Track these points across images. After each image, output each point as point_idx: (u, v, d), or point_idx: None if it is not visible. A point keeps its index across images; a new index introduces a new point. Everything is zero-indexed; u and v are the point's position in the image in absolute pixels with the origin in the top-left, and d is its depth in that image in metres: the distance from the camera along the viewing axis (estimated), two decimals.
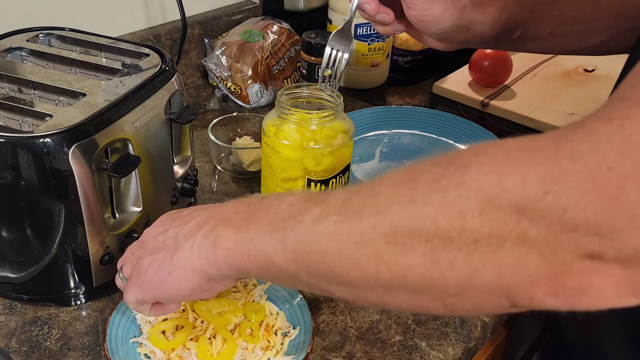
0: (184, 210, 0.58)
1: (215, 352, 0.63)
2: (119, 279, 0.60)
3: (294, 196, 0.50)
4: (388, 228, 0.41)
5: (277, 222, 0.48)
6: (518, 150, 0.37)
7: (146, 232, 0.60)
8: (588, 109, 1.21)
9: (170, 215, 0.59)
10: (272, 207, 0.50)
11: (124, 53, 0.79)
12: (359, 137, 1.02)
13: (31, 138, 0.61)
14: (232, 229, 0.51)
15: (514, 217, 0.36)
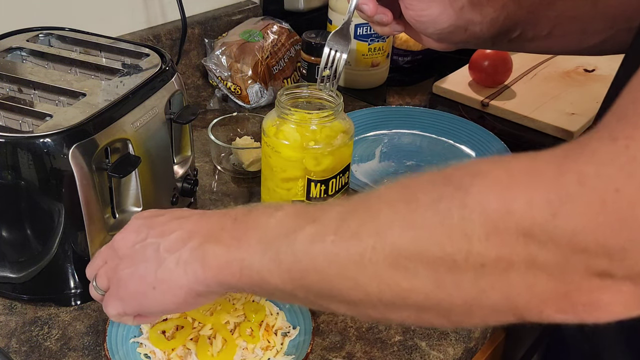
0: (158, 217, 0.56)
1: (215, 352, 0.63)
2: (94, 289, 0.58)
3: (283, 212, 0.48)
4: (389, 250, 0.40)
5: (268, 240, 0.47)
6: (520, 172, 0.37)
7: (117, 239, 0.57)
8: (588, 109, 1.21)
9: (144, 221, 0.56)
10: (260, 224, 0.49)
11: (124, 53, 0.79)
12: (359, 137, 1.02)
13: (31, 138, 0.61)
14: (221, 247, 0.49)
15: (522, 241, 0.36)
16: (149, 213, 0.58)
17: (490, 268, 0.37)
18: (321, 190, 0.73)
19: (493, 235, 0.36)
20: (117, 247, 0.56)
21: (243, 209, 0.53)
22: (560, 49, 0.82)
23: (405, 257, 0.40)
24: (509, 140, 1.00)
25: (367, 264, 0.41)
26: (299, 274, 0.45)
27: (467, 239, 0.37)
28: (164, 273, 0.52)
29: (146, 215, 0.57)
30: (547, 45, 0.79)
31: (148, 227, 0.55)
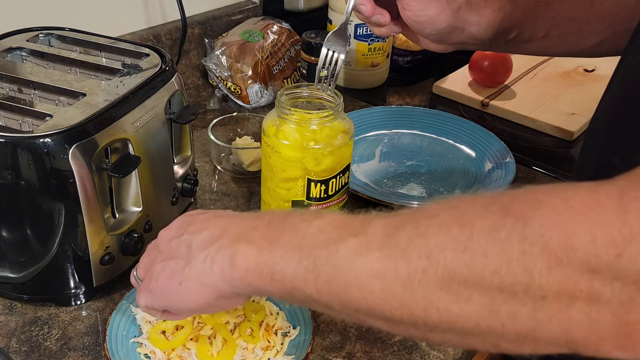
0: (201, 215, 0.56)
1: (215, 352, 0.63)
2: (133, 277, 0.60)
3: (323, 220, 0.47)
4: (441, 274, 0.39)
5: (306, 248, 0.46)
6: (581, 205, 0.36)
7: (161, 233, 0.58)
8: (588, 109, 1.21)
9: (187, 218, 0.57)
10: (299, 230, 0.47)
11: (124, 53, 0.79)
12: (359, 137, 1.02)
13: (31, 138, 0.61)
14: (252, 248, 0.49)
15: (586, 277, 0.36)
16: (194, 212, 0.58)
17: (551, 301, 0.37)
18: (321, 190, 0.73)
19: (555, 269, 0.36)
20: (159, 240, 0.57)
21: (279, 212, 0.52)
22: (557, 51, 0.82)
23: (458, 282, 0.39)
24: (509, 140, 1.00)
25: (416, 286, 0.40)
26: (339, 287, 0.44)
27: (528, 271, 0.37)
28: (192, 270, 0.52)
29: (191, 213, 0.58)
30: (544, 46, 0.79)
31: (188, 223, 0.56)
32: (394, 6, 0.74)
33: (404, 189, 0.93)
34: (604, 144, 0.63)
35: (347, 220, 0.47)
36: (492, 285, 0.38)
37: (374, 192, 0.89)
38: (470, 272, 0.39)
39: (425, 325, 0.41)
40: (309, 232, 0.47)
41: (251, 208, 0.87)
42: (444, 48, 0.78)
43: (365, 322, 0.45)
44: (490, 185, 0.91)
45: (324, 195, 0.73)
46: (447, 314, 0.40)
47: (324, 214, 0.49)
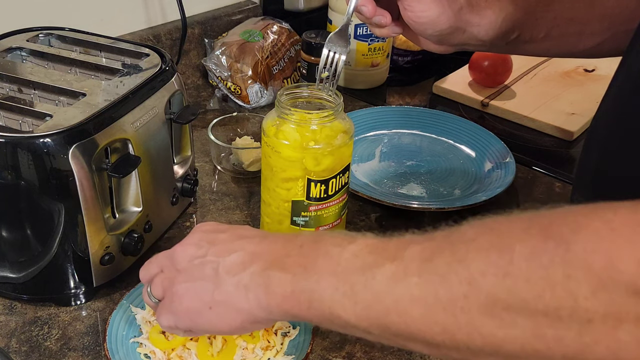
0: (219, 233, 0.55)
1: (215, 352, 0.63)
2: (147, 296, 0.58)
3: (356, 245, 0.47)
4: (484, 300, 0.39)
5: (342, 274, 0.46)
6: (622, 226, 0.37)
7: (177, 250, 0.56)
8: (588, 109, 1.22)
9: (205, 235, 0.55)
10: (332, 255, 0.47)
11: (124, 53, 0.79)
12: (359, 137, 1.02)
13: (31, 138, 0.61)
14: (286, 275, 0.48)
15: (633, 300, 0.36)
16: (211, 227, 0.57)
17: (597, 324, 0.37)
18: (321, 190, 0.73)
19: (600, 292, 0.36)
20: (176, 258, 0.55)
21: (309, 236, 0.51)
22: (557, 52, 0.82)
23: (502, 307, 0.39)
24: (509, 140, 1.00)
25: (458, 312, 0.40)
26: (378, 313, 0.44)
27: (573, 296, 0.37)
28: (222, 295, 0.51)
29: (208, 229, 0.56)
30: (545, 47, 0.79)
31: (209, 242, 0.54)
32: (394, 7, 0.74)
33: (404, 189, 0.93)
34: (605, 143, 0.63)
35: (381, 244, 0.46)
36: (536, 310, 0.38)
37: (374, 192, 0.89)
38: (513, 297, 0.39)
39: (469, 349, 0.41)
40: (343, 258, 0.47)
41: (251, 208, 0.87)
42: (445, 49, 0.78)
43: (406, 347, 0.45)
44: (490, 185, 0.91)
45: (324, 195, 0.73)
46: (492, 338, 0.40)
47: (356, 238, 0.48)
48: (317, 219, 0.75)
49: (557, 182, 0.96)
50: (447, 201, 0.89)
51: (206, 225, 0.58)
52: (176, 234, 0.82)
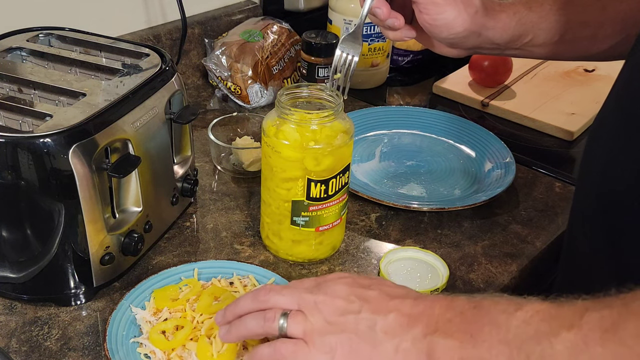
0: (367, 290, 0.54)
1: (215, 352, 0.63)
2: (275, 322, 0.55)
3: (526, 312, 0.46)
4: None
5: (514, 342, 0.45)
6: None
7: (325, 300, 0.54)
8: (588, 109, 1.21)
9: (352, 290, 0.54)
10: (499, 323, 0.47)
11: (124, 53, 0.79)
12: (359, 137, 1.02)
13: (31, 138, 0.61)
14: (452, 342, 0.48)
15: None
16: (351, 280, 0.56)
17: None
18: (321, 190, 0.73)
19: None
20: (324, 309, 0.54)
21: (467, 301, 0.51)
22: (571, 55, 0.82)
23: None
24: (509, 140, 1.00)
25: None
26: None
27: None
28: (380, 356, 0.51)
29: (350, 283, 0.55)
30: (558, 50, 0.79)
31: (360, 299, 0.53)
32: (408, 10, 0.74)
33: (404, 189, 0.93)
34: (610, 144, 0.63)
35: (553, 310, 0.46)
36: None
37: (374, 192, 0.89)
38: None
39: None
40: (512, 325, 0.46)
41: (251, 208, 0.87)
42: (458, 52, 0.78)
43: None
44: (490, 185, 0.91)
45: (324, 195, 0.73)
46: None
47: (523, 304, 0.48)
48: (317, 219, 0.75)
49: (557, 182, 0.96)
50: (447, 201, 0.89)
51: (346, 278, 0.56)
52: (176, 234, 0.82)
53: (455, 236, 0.84)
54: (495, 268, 0.79)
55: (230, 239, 0.82)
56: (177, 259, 0.78)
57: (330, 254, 0.80)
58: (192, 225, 0.84)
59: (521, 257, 0.81)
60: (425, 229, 0.85)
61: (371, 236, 0.84)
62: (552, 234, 0.86)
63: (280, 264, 0.78)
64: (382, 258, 0.78)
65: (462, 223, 0.86)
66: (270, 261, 0.79)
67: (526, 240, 0.84)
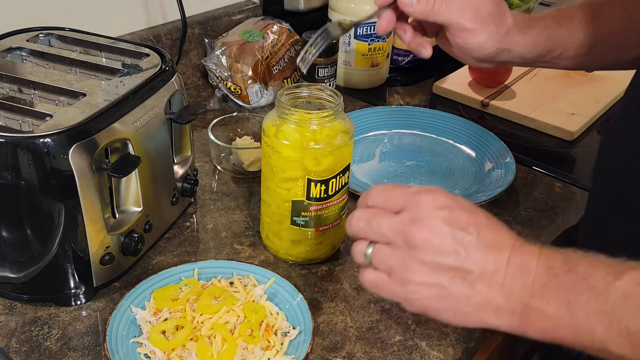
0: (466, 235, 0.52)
1: (215, 352, 0.63)
2: (361, 254, 0.56)
3: (626, 282, 0.47)
4: None
5: (614, 315, 0.47)
6: None
7: (420, 236, 0.52)
8: (588, 109, 1.21)
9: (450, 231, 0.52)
10: (597, 292, 0.48)
11: (124, 53, 0.79)
12: (359, 137, 1.02)
13: (31, 138, 0.61)
14: (547, 308, 0.49)
15: None
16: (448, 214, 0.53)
17: None
18: (321, 190, 0.73)
19: None
20: (418, 245, 0.52)
21: (562, 261, 0.51)
22: (598, 65, 0.83)
23: None
24: (509, 140, 1.00)
25: None
26: None
27: None
28: (471, 308, 0.52)
29: (448, 219, 0.53)
30: (586, 62, 0.80)
31: (457, 242, 0.52)
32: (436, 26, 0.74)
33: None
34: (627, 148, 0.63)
35: None
36: None
37: None
38: None
39: None
40: (612, 296, 0.47)
41: (251, 208, 0.87)
42: (487, 65, 0.79)
43: None
44: (490, 185, 0.91)
45: (324, 195, 0.73)
46: None
47: (622, 272, 0.48)
48: (317, 219, 0.75)
49: (557, 182, 0.96)
50: None
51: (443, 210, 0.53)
52: (176, 234, 0.82)
53: None
54: None
55: (230, 239, 0.82)
56: (177, 259, 0.78)
57: (330, 254, 0.80)
58: (192, 225, 0.84)
59: None
60: None
61: None
62: (552, 234, 0.86)
63: (280, 264, 0.78)
64: None
65: None
66: (270, 261, 0.79)
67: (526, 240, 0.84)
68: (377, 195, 0.56)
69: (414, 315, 0.72)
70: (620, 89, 1.19)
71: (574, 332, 0.49)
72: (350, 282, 0.76)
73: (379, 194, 0.56)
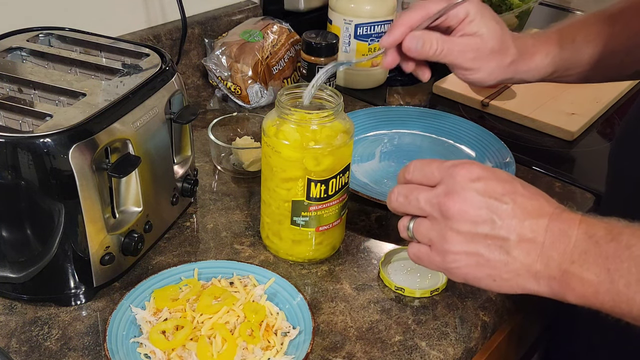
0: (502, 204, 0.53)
1: (215, 352, 0.63)
2: (404, 229, 0.59)
3: None
4: None
5: None
6: None
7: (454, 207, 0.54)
8: (588, 109, 1.21)
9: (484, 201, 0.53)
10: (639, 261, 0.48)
11: (124, 53, 0.79)
12: (359, 137, 1.02)
13: (31, 138, 0.61)
14: (587, 275, 0.50)
15: None
16: (484, 185, 0.54)
17: None
18: (321, 190, 0.73)
19: None
20: (453, 216, 0.54)
21: (604, 229, 0.51)
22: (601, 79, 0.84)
23: None
24: (509, 140, 1.00)
25: None
26: None
27: None
28: (511, 274, 0.53)
29: (483, 191, 0.54)
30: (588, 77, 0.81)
31: (491, 211, 0.53)
32: None
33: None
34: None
35: None
36: None
37: (374, 192, 0.89)
38: None
39: None
40: None
41: (251, 208, 0.87)
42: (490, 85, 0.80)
43: None
44: None
45: (324, 195, 0.73)
46: None
47: None
48: (317, 219, 0.75)
49: (557, 182, 0.96)
50: None
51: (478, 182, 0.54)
52: (176, 234, 0.82)
53: None
54: None
55: (230, 239, 0.82)
56: (177, 259, 0.78)
57: (330, 254, 0.80)
58: (192, 225, 0.84)
59: None
60: None
61: (371, 236, 0.84)
62: None
63: (280, 264, 0.78)
64: (382, 258, 0.78)
65: None
66: (270, 261, 0.79)
67: None
68: (414, 170, 0.58)
69: (414, 315, 0.72)
70: (620, 89, 1.19)
71: (613, 299, 0.49)
72: (350, 282, 0.76)
73: (417, 169, 0.58)
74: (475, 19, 0.71)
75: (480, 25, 0.71)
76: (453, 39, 0.71)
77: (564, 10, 1.63)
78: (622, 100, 1.20)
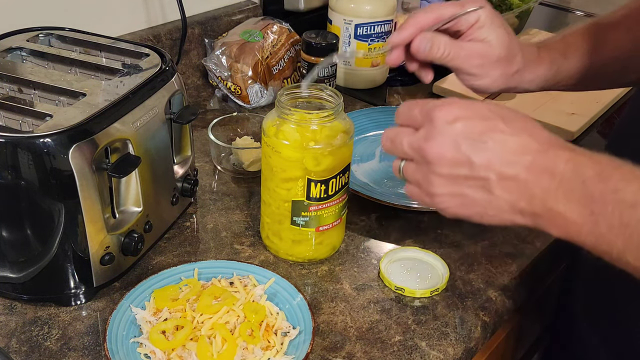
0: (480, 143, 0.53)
1: (215, 352, 0.63)
2: (397, 169, 0.60)
3: None
4: None
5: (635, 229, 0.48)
6: None
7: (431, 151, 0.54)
8: (588, 109, 1.21)
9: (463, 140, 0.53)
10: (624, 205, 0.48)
11: (124, 53, 0.79)
12: (359, 137, 1.01)
13: (31, 138, 0.61)
14: (571, 215, 0.50)
15: None
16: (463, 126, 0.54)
17: None
18: (321, 190, 0.73)
19: None
20: (432, 160, 0.55)
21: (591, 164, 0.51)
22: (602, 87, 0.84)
23: None
24: None
25: None
26: None
27: None
28: (496, 211, 0.54)
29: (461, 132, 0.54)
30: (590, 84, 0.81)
31: (470, 152, 0.53)
32: None
33: (404, 189, 0.92)
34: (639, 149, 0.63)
35: None
36: None
37: (374, 192, 0.89)
38: None
39: None
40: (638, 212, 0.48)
41: (251, 208, 0.87)
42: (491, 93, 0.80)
43: None
44: None
45: (324, 195, 0.73)
46: None
47: None
48: (317, 219, 0.75)
49: None
50: None
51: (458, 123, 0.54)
52: (176, 234, 0.82)
53: (455, 236, 0.84)
54: (495, 268, 0.79)
55: (230, 239, 0.82)
56: (177, 259, 0.78)
57: (330, 254, 0.80)
58: (192, 225, 0.84)
59: (521, 257, 0.81)
60: (425, 229, 0.85)
61: (371, 236, 0.84)
62: None
63: (280, 264, 0.78)
64: (382, 258, 0.78)
65: (462, 223, 0.86)
66: (270, 261, 0.79)
67: (526, 240, 0.84)
68: (402, 112, 0.59)
69: (414, 315, 0.72)
70: (620, 89, 1.19)
71: (595, 240, 0.50)
72: (350, 282, 0.76)
73: (403, 112, 0.59)
74: (485, 25, 0.71)
75: (489, 31, 0.71)
76: (461, 43, 0.71)
77: (564, 10, 1.63)
78: (622, 100, 1.20)
